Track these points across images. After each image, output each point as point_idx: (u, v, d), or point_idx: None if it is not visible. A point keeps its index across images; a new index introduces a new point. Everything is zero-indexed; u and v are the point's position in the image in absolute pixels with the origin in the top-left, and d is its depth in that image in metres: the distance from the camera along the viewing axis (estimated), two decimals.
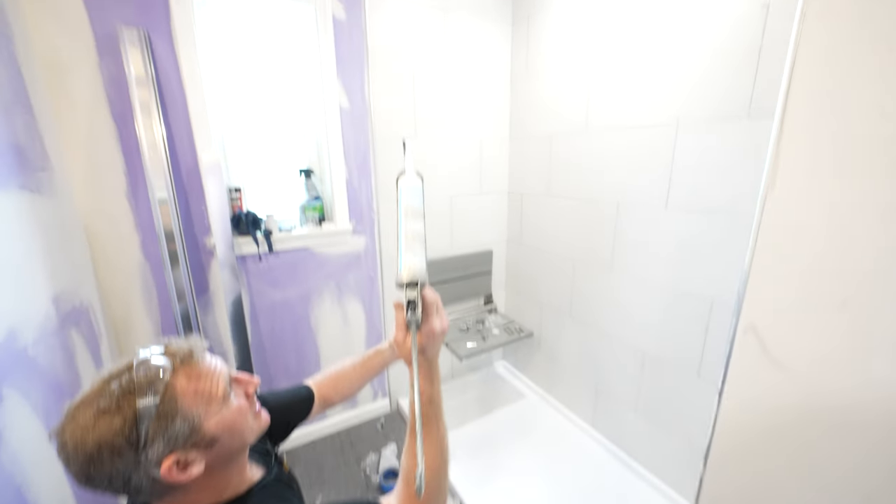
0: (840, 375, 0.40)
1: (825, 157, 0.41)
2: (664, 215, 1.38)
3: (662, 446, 1.51)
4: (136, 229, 1.36)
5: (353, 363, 0.94)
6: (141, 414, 0.47)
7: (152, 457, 0.48)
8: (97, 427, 0.45)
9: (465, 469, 1.62)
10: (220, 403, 0.55)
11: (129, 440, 0.46)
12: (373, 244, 1.83)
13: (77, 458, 0.45)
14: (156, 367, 0.50)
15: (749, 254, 0.45)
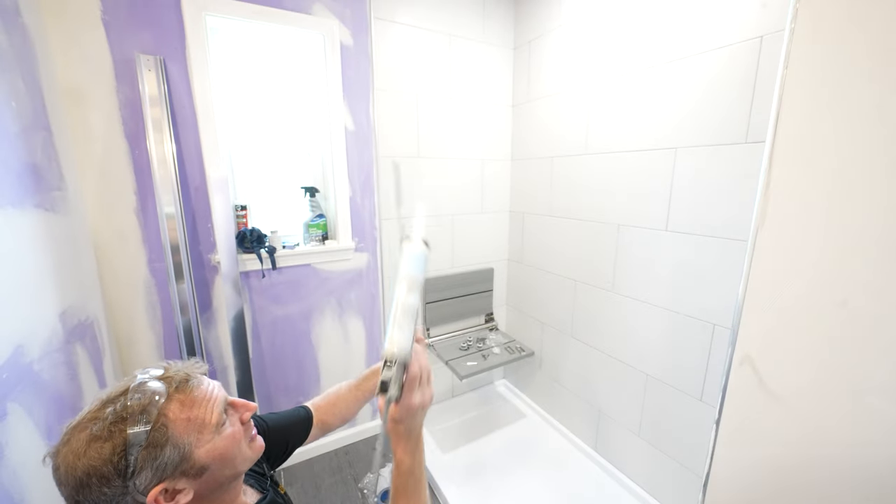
0: (836, 409, 0.41)
1: (817, 184, 0.43)
2: (664, 237, 1.39)
3: (664, 470, 1.48)
4: (144, 245, 1.39)
5: (348, 385, 0.93)
6: (131, 442, 0.47)
7: (140, 485, 0.48)
8: (87, 453, 0.46)
9: (464, 490, 1.59)
10: (213, 431, 0.55)
11: (118, 468, 0.46)
12: (375, 262, 1.85)
13: (67, 482, 0.46)
14: (150, 393, 0.51)
15: (743, 284, 0.46)
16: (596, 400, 1.76)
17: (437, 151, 1.89)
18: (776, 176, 0.45)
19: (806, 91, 0.44)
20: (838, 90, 0.41)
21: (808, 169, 0.43)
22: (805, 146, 0.43)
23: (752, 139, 1.13)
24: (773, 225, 0.45)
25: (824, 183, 0.42)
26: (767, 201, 0.44)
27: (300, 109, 1.70)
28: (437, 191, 1.92)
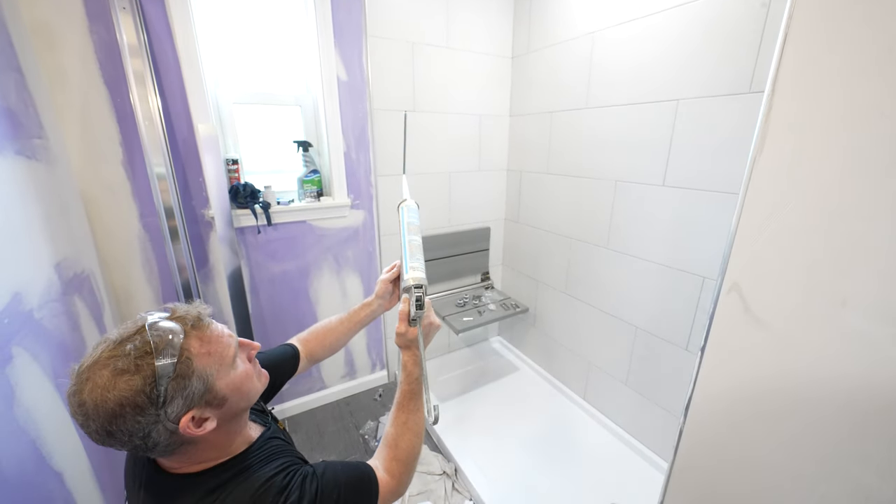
0: (817, 331, 0.42)
1: (818, 115, 0.42)
2: (661, 193, 1.39)
3: (650, 416, 1.57)
4: (134, 199, 1.36)
5: (339, 318, 0.98)
6: (160, 373, 0.49)
7: (171, 413, 0.51)
8: (117, 386, 0.47)
9: (460, 434, 1.68)
10: (230, 366, 0.58)
11: (151, 398, 0.49)
12: (371, 219, 1.84)
13: (98, 416, 0.47)
14: (169, 330, 0.53)
15: (737, 213, 0.47)
16: (586, 353, 1.83)
17: (434, 105, 1.83)
18: (778, 101, 0.44)
19: (813, 26, 0.42)
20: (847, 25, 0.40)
21: (811, 101, 0.42)
22: (809, 79, 0.42)
23: (756, 88, 1.10)
24: (770, 152, 0.45)
25: (825, 114, 0.41)
26: (767, 127, 0.43)
27: (291, 56, 1.62)
28: (433, 147, 1.88)
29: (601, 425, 1.77)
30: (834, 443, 0.42)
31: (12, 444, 0.76)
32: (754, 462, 0.49)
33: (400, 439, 0.74)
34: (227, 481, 0.57)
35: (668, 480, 0.60)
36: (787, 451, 0.46)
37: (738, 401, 0.49)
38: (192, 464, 0.57)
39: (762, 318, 0.45)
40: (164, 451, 0.53)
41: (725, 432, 0.52)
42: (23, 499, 0.77)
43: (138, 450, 0.51)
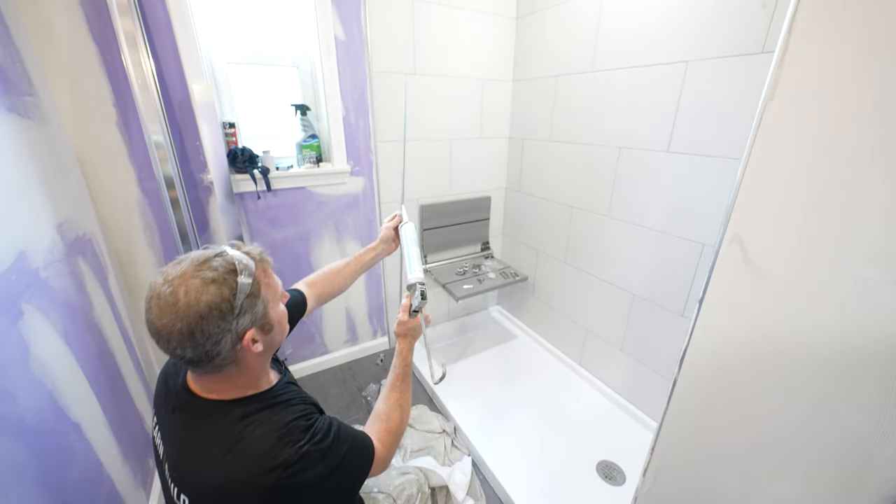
0: (817, 279, 0.43)
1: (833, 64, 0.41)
2: (665, 159, 1.37)
3: (644, 380, 1.63)
4: (131, 162, 1.34)
5: (346, 262, 1.09)
6: (240, 289, 0.57)
7: (240, 326, 0.58)
8: (209, 291, 0.55)
9: (459, 396, 1.75)
10: (278, 300, 0.67)
11: (232, 307, 0.56)
12: (371, 186, 1.82)
13: (188, 315, 0.54)
14: (246, 256, 0.61)
15: (743, 162, 0.46)
16: (584, 320, 1.87)
17: (435, 68, 1.77)
18: (791, 55, 0.43)
19: None
20: None
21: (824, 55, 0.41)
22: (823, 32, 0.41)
23: (770, 48, 1.07)
24: (780, 103, 0.44)
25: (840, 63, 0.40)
26: (780, 73, 0.42)
27: (286, 13, 1.55)
28: (434, 113, 1.83)
29: (595, 389, 1.83)
30: (825, 385, 0.44)
31: (31, 395, 0.79)
32: (745, 407, 0.52)
33: (392, 414, 0.83)
34: (256, 412, 0.64)
35: (661, 427, 0.63)
36: (778, 394, 0.48)
37: (731, 346, 0.51)
38: (228, 388, 0.64)
39: (762, 268, 0.46)
40: (217, 365, 0.60)
41: (719, 378, 0.54)
42: (46, 446, 0.81)
43: (202, 358, 0.57)
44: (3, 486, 0.68)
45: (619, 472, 1.44)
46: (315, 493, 0.66)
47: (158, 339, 0.56)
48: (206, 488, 0.60)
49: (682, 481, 0.64)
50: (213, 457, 0.60)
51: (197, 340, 0.55)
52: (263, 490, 0.59)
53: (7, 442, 0.70)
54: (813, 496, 0.47)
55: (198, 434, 0.62)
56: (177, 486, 0.62)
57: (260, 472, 0.59)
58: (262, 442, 0.61)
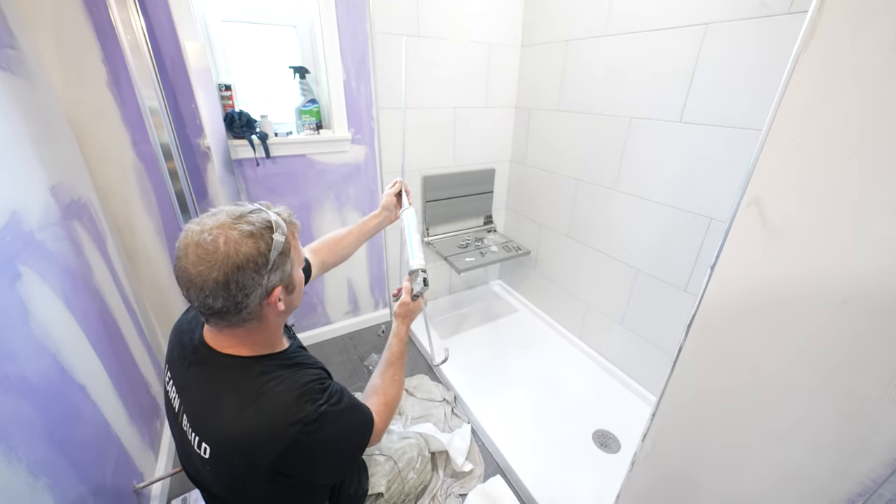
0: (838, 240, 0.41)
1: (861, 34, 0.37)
2: (677, 130, 1.33)
3: (643, 354, 1.64)
4: (124, 125, 1.30)
5: (349, 229, 1.11)
6: (275, 245, 0.60)
7: (270, 281, 0.60)
8: (246, 244, 0.57)
9: (459, 368, 1.77)
10: (300, 264, 0.69)
11: (266, 261, 0.58)
12: (373, 155, 1.77)
13: (226, 264, 0.55)
14: (281, 215, 0.64)
15: (769, 120, 0.43)
16: (585, 295, 1.87)
17: (440, 31, 1.68)
18: (827, 12, 0.39)
19: None
20: None
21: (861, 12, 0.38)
22: None
23: (797, 8, 1.00)
24: (815, 52, 0.40)
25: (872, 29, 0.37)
26: (819, 18, 0.39)
27: None
28: (438, 79, 1.76)
29: (593, 361, 1.85)
30: (836, 350, 0.43)
31: (34, 356, 0.79)
32: (751, 371, 0.51)
33: (388, 389, 0.87)
34: (275, 369, 0.66)
35: (664, 392, 0.63)
36: (786, 358, 0.47)
37: (742, 311, 0.50)
38: (246, 345, 0.66)
39: (779, 231, 0.44)
40: (243, 318, 0.61)
41: (727, 343, 0.53)
42: (53, 407, 0.82)
43: (230, 309, 0.59)
44: (13, 442, 0.69)
45: (615, 440, 1.48)
46: (324, 454, 0.68)
47: (190, 287, 0.57)
48: (228, 438, 0.61)
49: (682, 446, 0.65)
50: (235, 408, 0.62)
51: (230, 290, 0.56)
52: (283, 442, 0.61)
53: (12, 400, 0.71)
54: (815, 461, 0.47)
55: (218, 387, 0.64)
56: (198, 436, 0.64)
57: (282, 424, 0.61)
58: (283, 398, 0.63)
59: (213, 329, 0.66)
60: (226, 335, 0.65)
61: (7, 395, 0.70)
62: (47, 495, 0.75)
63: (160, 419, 1.43)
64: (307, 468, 0.67)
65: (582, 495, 1.25)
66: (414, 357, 1.93)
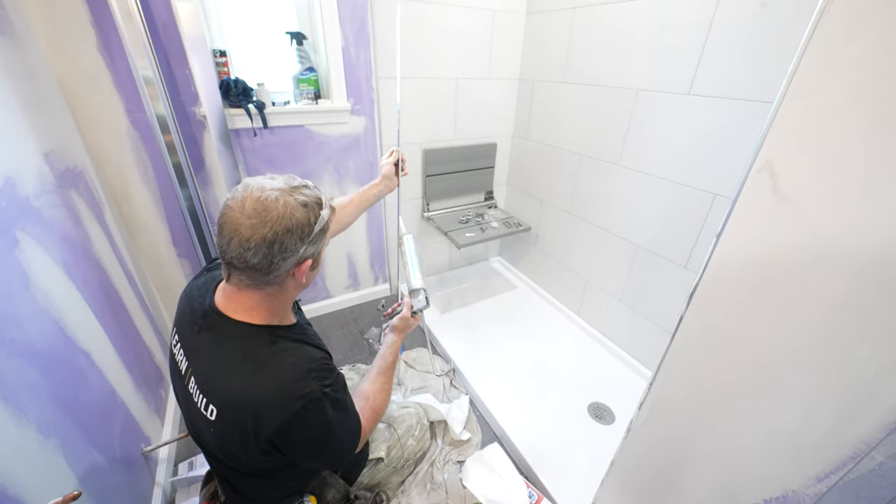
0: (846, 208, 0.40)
1: None
2: (685, 102, 1.29)
3: (640, 329, 1.66)
4: (117, 91, 1.26)
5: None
6: (320, 220, 0.64)
7: (305, 253, 0.64)
8: (299, 211, 0.61)
9: (457, 341, 1.80)
10: (326, 246, 0.71)
11: (310, 232, 0.63)
12: (372, 127, 1.73)
13: (278, 224, 0.59)
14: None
15: (786, 82, 0.42)
16: (584, 272, 1.88)
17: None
18: None
19: None
20: None
21: None
22: None
23: None
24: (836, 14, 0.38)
25: None
26: None
27: None
28: (440, 47, 1.70)
29: (591, 337, 1.88)
30: (838, 316, 0.43)
31: (37, 321, 0.79)
32: (751, 338, 0.52)
33: (378, 395, 0.90)
34: (283, 340, 0.69)
35: (662, 362, 0.63)
36: (787, 325, 0.47)
37: (746, 280, 0.50)
38: (260, 312, 0.68)
39: (790, 198, 0.43)
40: (269, 281, 0.64)
41: (729, 312, 0.54)
42: (59, 372, 0.83)
43: (264, 268, 0.61)
44: (22, 403, 0.70)
45: (609, 412, 1.52)
46: (317, 439, 0.70)
47: (234, 237, 0.59)
48: (236, 402, 0.63)
49: (678, 414, 0.66)
50: (245, 374, 0.63)
51: (272, 250, 0.60)
52: (287, 413, 0.62)
53: (19, 363, 0.71)
54: (809, 426, 0.48)
55: (228, 352, 0.66)
56: (205, 398, 0.65)
57: (287, 396, 0.63)
58: (293, 370, 0.65)
59: (232, 289, 0.67)
60: (244, 297, 0.66)
61: (13, 358, 0.70)
62: (58, 455, 0.77)
63: (165, 387, 1.46)
64: (299, 447, 0.68)
65: (576, 463, 1.29)
66: (413, 330, 1.96)
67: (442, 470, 1.27)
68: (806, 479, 0.50)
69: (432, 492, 1.20)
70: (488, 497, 1.00)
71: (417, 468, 1.25)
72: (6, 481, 0.63)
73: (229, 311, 0.67)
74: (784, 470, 0.53)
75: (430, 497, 1.19)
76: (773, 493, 0.55)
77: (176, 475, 1.24)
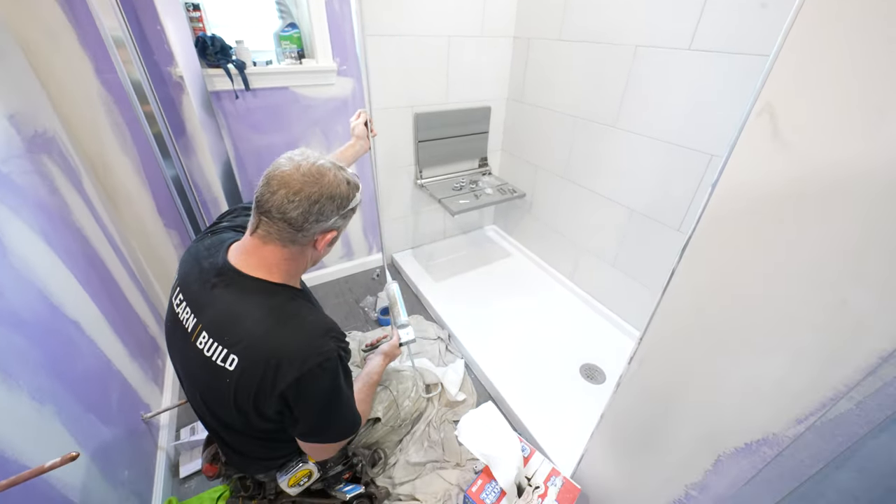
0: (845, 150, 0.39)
1: None
2: (685, 58, 1.24)
3: (631, 293, 1.68)
4: (83, 49, 1.18)
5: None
6: (354, 200, 0.73)
7: (334, 224, 0.71)
8: (343, 185, 0.70)
9: (452, 307, 1.81)
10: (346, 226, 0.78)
11: (346, 205, 0.70)
12: (360, 89, 1.66)
13: (326, 188, 0.66)
14: None
15: (790, 20, 0.39)
16: (578, 237, 1.87)
17: None
18: None
19: None
20: None
21: None
22: None
23: None
24: None
25: None
26: None
27: None
28: (430, 1, 1.60)
29: (583, 301, 1.90)
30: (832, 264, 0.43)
31: (19, 290, 0.77)
32: (743, 294, 0.52)
33: (362, 404, 0.94)
34: (300, 299, 0.73)
35: (653, 316, 0.64)
36: (781, 275, 0.47)
37: (741, 230, 0.49)
38: (279, 270, 0.71)
39: (790, 142, 0.42)
40: (294, 239, 0.68)
41: (721, 264, 0.53)
42: (48, 341, 0.82)
43: (297, 223, 0.66)
44: (11, 370, 0.69)
45: (600, 372, 1.56)
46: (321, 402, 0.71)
47: (281, 188, 0.64)
48: (260, 350, 0.65)
49: (667, 367, 0.67)
50: (268, 326, 0.66)
51: (312, 209, 0.66)
52: (306, 366, 0.65)
53: (3, 331, 0.70)
54: (795, 372, 0.49)
55: (251, 305, 0.68)
56: (225, 348, 0.66)
57: (308, 352, 0.66)
58: (314, 327, 0.69)
59: (256, 243, 0.69)
60: (267, 252, 0.69)
61: None
62: (55, 420, 0.78)
63: (162, 357, 1.47)
64: (307, 406, 0.69)
65: (567, 420, 1.34)
66: (409, 298, 1.97)
67: (439, 429, 1.31)
68: (787, 422, 0.52)
69: (429, 449, 1.25)
70: (483, 452, 1.04)
71: (415, 428, 1.29)
72: (2, 445, 0.63)
73: (247, 268, 0.69)
74: (766, 414, 0.54)
75: (428, 454, 1.24)
76: (754, 437, 0.57)
77: (178, 440, 1.27)
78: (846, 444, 0.47)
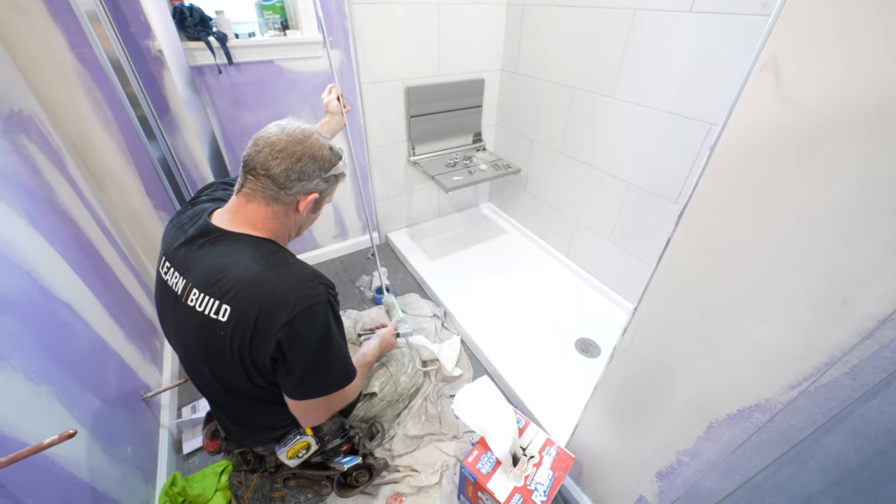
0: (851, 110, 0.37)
1: None
2: (685, 21, 1.19)
3: (626, 268, 1.68)
4: (54, 22, 1.12)
5: None
6: (336, 168, 0.77)
7: (316, 186, 0.74)
8: (326, 150, 0.74)
9: (448, 285, 1.81)
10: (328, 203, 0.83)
11: (328, 168, 0.74)
12: (349, 62, 1.60)
13: (309, 149, 0.71)
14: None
15: None
16: (574, 213, 1.86)
17: None
18: None
19: None
20: None
21: None
22: None
23: None
24: None
25: None
26: None
27: None
28: None
29: (579, 277, 1.91)
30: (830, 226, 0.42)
31: (6, 272, 0.76)
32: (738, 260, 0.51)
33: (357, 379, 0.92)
34: (286, 251, 0.75)
35: (647, 287, 0.63)
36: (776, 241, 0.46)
37: (735, 198, 0.48)
38: (265, 227, 0.73)
39: (793, 98, 0.40)
40: (277, 197, 0.71)
41: (716, 233, 0.52)
42: (40, 323, 0.81)
43: (280, 180, 0.69)
44: (4, 352, 0.69)
45: (595, 346, 1.58)
46: (313, 346, 0.71)
47: (266, 146, 0.68)
48: (250, 293, 0.66)
49: (660, 337, 0.67)
50: (257, 271, 0.68)
51: (294, 166, 0.69)
52: (299, 306, 0.66)
53: None
54: (791, 338, 0.49)
55: (238, 255, 0.69)
56: (216, 299, 0.67)
57: (298, 294, 0.67)
58: (302, 273, 0.71)
59: (241, 201, 0.72)
60: (251, 209, 0.72)
61: None
62: (53, 400, 0.78)
63: (159, 339, 1.48)
64: (300, 352, 0.69)
65: (563, 393, 1.36)
66: (404, 277, 1.97)
67: (436, 403, 1.33)
68: (780, 388, 0.52)
69: (426, 423, 1.27)
70: (479, 424, 1.06)
71: (412, 402, 1.31)
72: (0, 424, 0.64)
73: (232, 226, 0.72)
74: (759, 380, 0.54)
75: (425, 427, 1.26)
76: (746, 404, 0.57)
77: (180, 417, 1.29)
78: (838, 409, 0.47)
